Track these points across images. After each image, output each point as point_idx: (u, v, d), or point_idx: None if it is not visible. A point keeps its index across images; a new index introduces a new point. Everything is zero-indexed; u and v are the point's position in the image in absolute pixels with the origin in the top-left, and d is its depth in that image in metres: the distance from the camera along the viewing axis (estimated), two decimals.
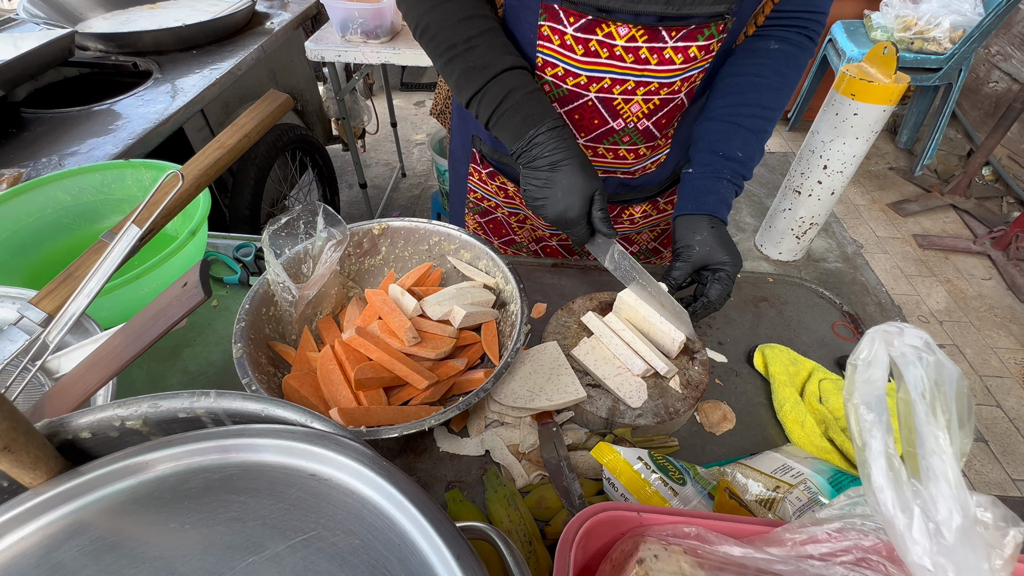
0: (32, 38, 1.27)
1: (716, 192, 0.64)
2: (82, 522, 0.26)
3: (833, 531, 0.25)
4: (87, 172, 0.82)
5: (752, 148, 0.65)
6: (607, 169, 0.76)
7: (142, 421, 0.30)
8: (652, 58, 0.60)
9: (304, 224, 0.61)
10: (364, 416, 0.50)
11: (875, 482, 0.22)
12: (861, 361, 0.25)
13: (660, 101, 0.65)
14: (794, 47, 0.65)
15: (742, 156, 0.64)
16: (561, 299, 0.77)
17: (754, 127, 0.64)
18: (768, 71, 0.64)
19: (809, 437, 0.59)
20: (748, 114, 0.64)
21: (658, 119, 0.68)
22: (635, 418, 0.58)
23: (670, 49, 0.59)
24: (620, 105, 0.65)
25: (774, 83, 0.64)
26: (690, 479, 0.43)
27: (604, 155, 0.73)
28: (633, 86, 0.63)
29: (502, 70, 0.59)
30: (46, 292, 0.52)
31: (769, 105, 0.65)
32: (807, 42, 0.65)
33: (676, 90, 0.64)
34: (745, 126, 0.64)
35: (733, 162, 0.64)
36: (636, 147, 0.72)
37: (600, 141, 0.71)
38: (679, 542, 0.28)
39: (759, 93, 0.64)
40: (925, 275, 2.24)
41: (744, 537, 0.29)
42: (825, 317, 0.77)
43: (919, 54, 2.31)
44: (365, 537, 0.25)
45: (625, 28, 0.58)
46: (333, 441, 0.28)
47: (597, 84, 0.63)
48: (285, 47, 1.81)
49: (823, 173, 1.80)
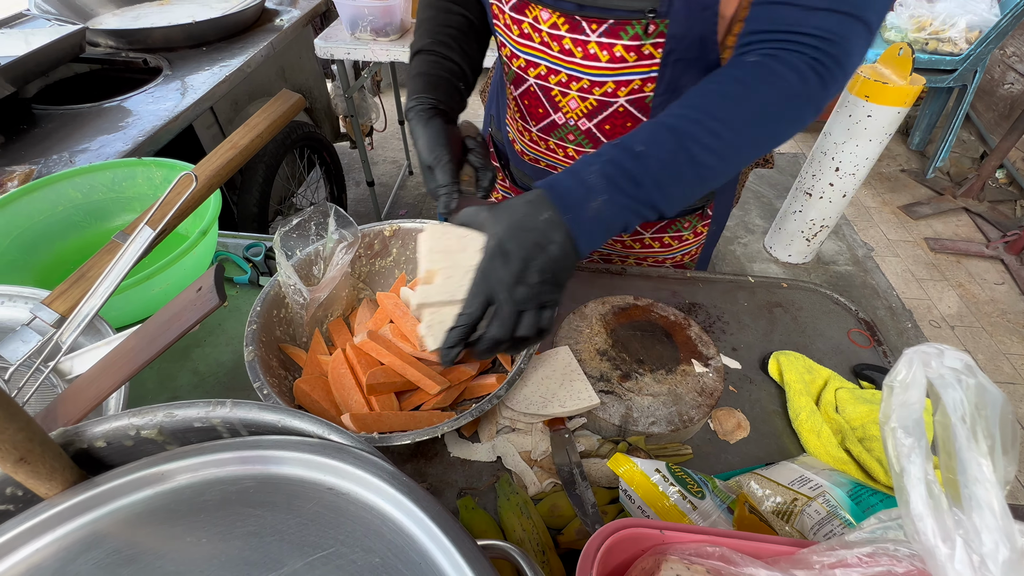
0: (43, 34, 1.27)
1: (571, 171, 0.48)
2: (98, 534, 0.26)
3: (864, 555, 0.24)
4: (98, 170, 0.82)
5: (665, 148, 0.47)
6: (559, 166, 0.72)
7: (157, 430, 0.30)
8: (576, 50, 0.58)
9: (315, 225, 0.61)
10: (376, 422, 0.50)
11: (914, 510, 0.21)
12: (898, 383, 0.24)
13: (597, 102, 0.62)
14: (781, 64, 0.48)
15: (641, 150, 0.47)
16: (571, 303, 0.76)
17: (679, 127, 0.47)
18: (726, 78, 0.50)
19: (826, 447, 0.58)
20: (678, 114, 0.49)
21: (601, 123, 0.64)
22: (648, 426, 0.57)
23: (594, 44, 0.57)
24: (558, 97, 0.64)
25: (726, 90, 0.49)
26: (709, 492, 0.43)
27: (555, 151, 0.71)
28: (566, 79, 0.62)
29: (415, 52, 0.66)
30: (59, 293, 0.52)
31: (713, 114, 0.47)
32: (807, 70, 0.47)
33: (611, 92, 0.60)
34: (666, 124, 0.48)
35: (625, 150, 0.47)
36: (584, 150, 0.68)
37: (548, 133, 0.70)
38: (702, 562, 0.28)
39: (703, 98, 0.49)
40: (937, 279, 2.22)
41: (768, 557, 0.28)
42: (840, 324, 0.76)
43: (934, 55, 2.28)
44: (385, 555, 0.24)
45: (547, 13, 0.57)
46: (351, 455, 0.27)
47: (535, 70, 0.63)
48: (294, 44, 1.80)
49: (835, 175, 1.77)
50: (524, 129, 0.73)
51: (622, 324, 0.68)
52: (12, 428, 0.24)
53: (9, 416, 0.24)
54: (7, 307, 0.54)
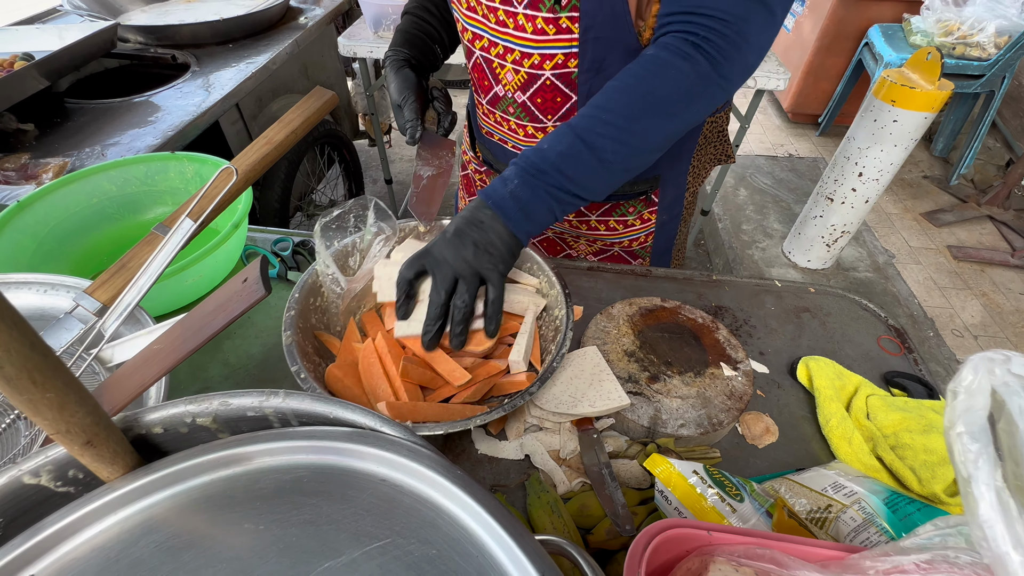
0: (76, 30, 1.29)
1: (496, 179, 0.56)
2: (158, 518, 0.26)
3: (922, 562, 0.24)
4: (132, 163, 0.83)
5: (565, 143, 0.53)
6: (514, 143, 0.78)
7: (212, 418, 0.30)
8: (510, 22, 0.62)
9: (354, 217, 0.62)
10: (411, 412, 0.50)
11: (983, 516, 0.21)
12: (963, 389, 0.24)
13: (528, 75, 0.66)
14: (668, 52, 0.53)
15: (545, 147, 0.54)
16: (597, 303, 0.76)
17: (577, 124, 0.54)
18: (624, 74, 0.55)
19: (857, 454, 0.57)
20: (580, 114, 0.55)
21: (533, 96, 0.68)
22: (677, 428, 0.57)
23: (522, 16, 0.60)
24: (498, 69, 0.68)
25: (622, 84, 0.54)
26: (747, 495, 0.42)
27: (501, 123, 0.76)
28: (503, 50, 0.65)
29: (403, 13, 0.77)
30: (100, 282, 0.53)
31: (606, 106, 0.53)
32: (691, 50, 0.52)
33: (537, 65, 0.64)
34: (569, 123, 0.55)
35: (532, 150, 0.55)
36: (523, 124, 0.73)
37: (494, 106, 0.74)
38: (751, 563, 0.27)
39: (601, 95, 0.55)
40: (959, 288, 2.18)
41: (817, 562, 0.28)
42: (870, 331, 0.75)
43: (961, 60, 2.24)
44: (441, 547, 0.24)
45: None
46: (404, 446, 0.28)
47: (480, 42, 0.67)
48: (317, 42, 1.82)
49: (858, 180, 1.75)
50: (479, 102, 0.78)
51: (649, 326, 0.68)
52: (82, 412, 0.24)
53: (80, 400, 0.24)
54: (50, 295, 0.55)
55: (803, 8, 2.93)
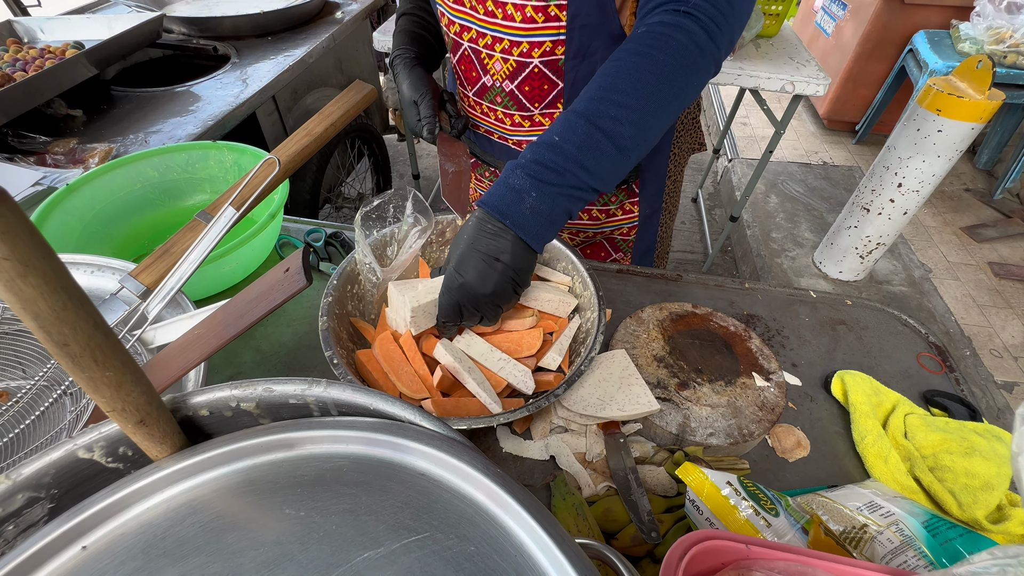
0: (124, 20, 1.33)
1: (500, 181, 0.52)
2: (204, 498, 0.27)
3: None
4: (174, 151, 0.86)
5: (579, 132, 0.50)
6: (500, 134, 0.79)
7: (255, 404, 0.31)
8: (498, 12, 0.62)
9: (393, 208, 0.63)
10: (455, 408, 0.51)
11: None
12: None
13: (516, 64, 0.66)
14: (666, 27, 0.51)
15: (558, 140, 0.50)
16: (626, 306, 0.75)
17: (588, 111, 0.50)
18: (623, 53, 0.52)
19: (893, 474, 0.55)
20: (586, 98, 0.51)
21: (521, 84, 0.69)
22: (706, 437, 0.56)
23: (511, 5, 0.61)
24: (486, 60, 0.69)
25: (626, 64, 0.51)
26: (783, 510, 0.41)
27: (488, 114, 0.77)
28: (491, 41, 0.66)
29: (399, 15, 0.78)
30: (145, 266, 0.55)
31: (616, 88, 0.50)
32: (687, 20, 0.51)
33: (526, 53, 0.65)
34: (576, 110, 0.51)
35: (542, 145, 0.51)
36: (510, 113, 0.74)
37: (481, 96, 0.75)
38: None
39: (604, 76, 0.51)
40: (1000, 306, 2.09)
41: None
42: (909, 347, 0.73)
43: (1012, 69, 2.15)
44: (480, 544, 0.24)
45: None
46: (444, 442, 0.28)
47: (468, 34, 0.68)
48: (352, 37, 1.84)
49: (897, 191, 1.70)
50: (464, 95, 0.79)
51: (680, 331, 0.67)
52: (137, 391, 0.25)
53: (135, 380, 0.25)
54: (96, 276, 0.57)
55: (844, 12, 2.85)
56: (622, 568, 0.25)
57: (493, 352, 0.57)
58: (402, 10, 0.79)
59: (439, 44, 0.81)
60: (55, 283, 0.20)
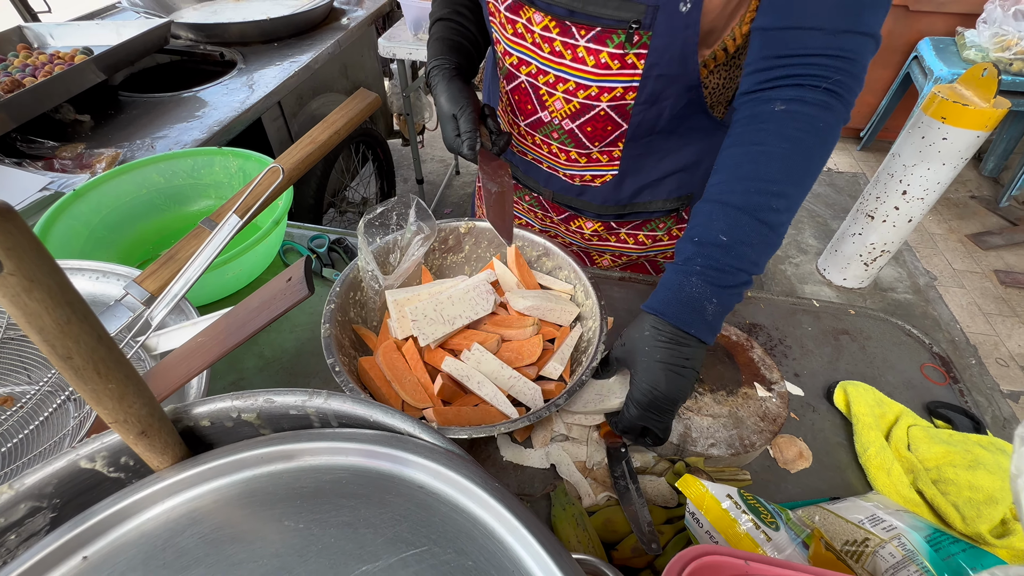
0: (133, 26, 1.35)
1: (674, 287, 0.51)
2: (204, 509, 0.27)
3: None
4: (180, 157, 0.86)
5: (745, 230, 0.50)
6: (549, 164, 0.77)
7: (256, 415, 0.31)
8: (567, 53, 0.60)
9: (396, 215, 0.63)
10: (456, 417, 0.51)
11: None
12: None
13: (580, 105, 0.64)
14: (809, 106, 0.50)
15: (726, 240, 0.50)
16: (629, 314, 0.75)
17: (749, 205, 0.50)
18: (770, 136, 0.51)
19: (896, 486, 0.55)
20: (741, 190, 0.51)
21: (583, 125, 0.67)
22: (707, 447, 0.56)
23: (582, 48, 0.59)
24: (545, 96, 0.67)
25: (779, 150, 0.51)
26: (783, 524, 0.41)
27: (540, 146, 0.75)
28: (553, 79, 0.64)
29: (434, 20, 0.74)
30: (149, 273, 0.55)
31: (772, 178, 0.50)
32: (832, 100, 0.50)
33: (594, 96, 0.62)
34: (735, 204, 0.51)
35: (711, 247, 0.51)
36: (567, 149, 0.71)
37: (535, 129, 0.73)
38: None
39: (756, 164, 0.51)
40: (1006, 315, 2.08)
41: None
42: (913, 357, 0.72)
43: (1019, 76, 2.14)
44: (477, 559, 0.24)
45: (540, 16, 0.59)
46: (442, 455, 0.28)
47: (526, 68, 0.66)
48: (358, 43, 1.86)
49: (901, 199, 1.69)
50: (513, 123, 0.77)
51: None
52: (139, 403, 0.25)
53: (138, 391, 0.25)
54: (102, 282, 0.58)
55: None
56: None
57: (504, 369, 0.56)
58: (438, 15, 0.74)
59: (478, 52, 0.76)
60: (60, 298, 0.21)
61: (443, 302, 0.57)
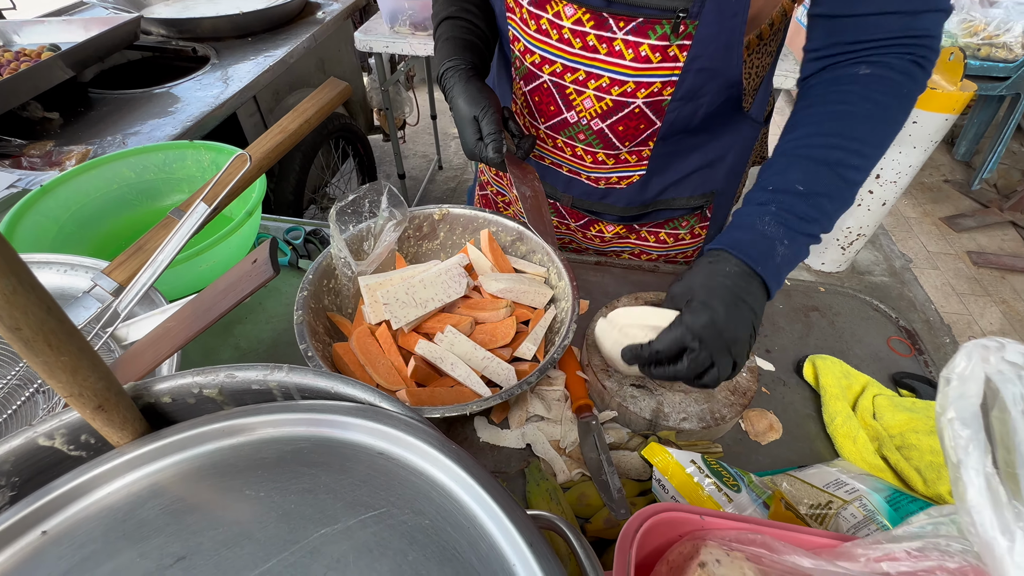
0: (101, 22, 1.32)
1: (745, 225, 0.51)
2: (164, 482, 0.27)
3: (914, 550, 0.24)
4: (151, 151, 0.85)
5: (824, 182, 0.50)
6: (570, 167, 0.74)
7: (218, 390, 0.31)
8: (601, 47, 0.57)
9: (369, 203, 0.63)
10: (430, 398, 0.51)
11: (971, 502, 0.21)
12: (956, 376, 0.23)
13: (613, 103, 0.61)
14: (895, 72, 0.51)
15: (803, 189, 0.50)
16: (604, 297, 0.76)
17: (829, 159, 0.51)
18: (855, 97, 0.52)
19: (861, 453, 0.57)
20: (821, 144, 0.51)
21: (614, 124, 0.63)
22: (679, 422, 0.57)
23: (620, 41, 0.56)
24: (573, 96, 0.63)
25: (863, 110, 0.51)
26: (745, 486, 0.42)
27: (563, 148, 0.71)
28: (584, 77, 0.60)
29: (441, 19, 0.69)
30: (118, 263, 0.55)
31: (856, 136, 0.51)
32: (914, 68, 0.51)
33: (630, 93, 0.59)
34: (814, 157, 0.51)
35: (787, 195, 0.50)
36: (594, 150, 0.68)
37: (557, 131, 0.69)
38: (742, 548, 0.28)
39: (839, 122, 0.52)
40: (979, 294, 2.13)
41: (810, 550, 0.28)
42: (880, 331, 0.74)
43: (986, 61, 2.19)
44: (434, 518, 0.25)
45: (572, 8, 0.56)
46: (402, 421, 0.28)
47: (550, 67, 0.62)
48: (334, 37, 1.84)
49: (875, 183, 1.73)
50: (531, 125, 0.73)
51: None
52: (94, 377, 0.25)
53: (92, 365, 0.25)
54: (69, 275, 0.57)
55: None
56: (571, 537, 0.26)
57: (477, 350, 0.57)
58: (444, 14, 0.69)
59: (489, 52, 0.72)
60: (3, 267, 0.21)
61: (415, 285, 0.57)
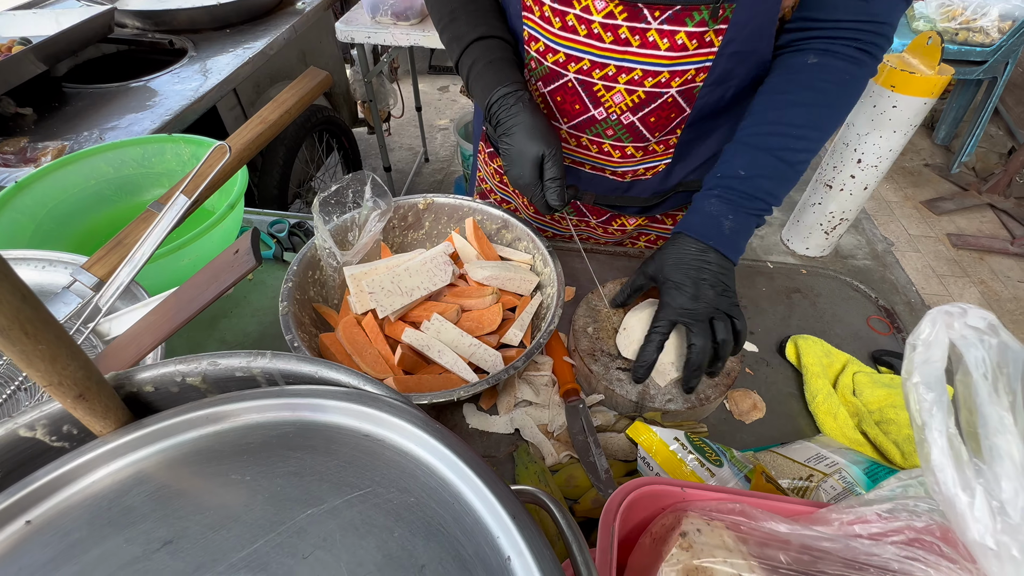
0: (73, 14, 1.29)
1: (695, 209, 0.59)
2: (149, 469, 0.27)
3: (884, 512, 0.25)
4: (129, 145, 0.84)
5: (763, 165, 0.57)
6: (594, 164, 0.72)
7: (201, 378, 0.31)
8: (634, 39, 0.55)
9: (353, 193, 0.62)
10: (417, 384, 0.52)
11: (935, 461, 0.22)
12: (921, 342, 0.24)
13: (645, 95, 0.60)
14: (841, 60, 0.55)
15: (745, 174, 0.57)
16: (590, 283, 0.77)
17: (769, 145, 0.56)
18: (796, 86, 0.57)
19: (842, 429, 0.58)
20: (764, 132, 0.57)
21: (646, 116, 0.62)
22: (665, 403, 0.58)
23: (654, 32, 0.54)
24: (601, 92, 0.61)
25: (803, 98, 0.56)
26: (727, 461, 0.43)
27: (588, 147, 0.69)
28: (614, 71, 0.59)
29: (471, 40, 0.63)
30: (97, 258, 0.54)
31: (795, 122, 0.56)
32: (862, 56, 0.55)
33: (664, 83, 0.58)
34: (756, 145, 0.57)
35: (730, 179, 0.57)
36: (622, 145, 0.66)
37: (582, 130, 0.67)
38: (722, 517, 0.28)
39: (779, 111, 0.57)
40: (958, 275, 2.18)
41: (788, 517, 0.29)
42: (860, 311, 0.76)
43: (963, 45, 2.22)
44: (419, 495, 0.25)
45: (602, 2, 0.54)
46: (385, 403, 0.29)
47: (576, 64, 0.60)
48: (315, 28, 1.81)
49: (856, 167, 1.75)
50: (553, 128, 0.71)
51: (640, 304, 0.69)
52: (74, 365, 0.25)
53: (72, 355, 0.25)
54: (48, 271, 0.56)
55: None
56: (554, 509, 0.26)
57: (464, 337, 0.57)
58: (472, 36, 0.63)
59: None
60: None
61: (400, 274, 0.58)
